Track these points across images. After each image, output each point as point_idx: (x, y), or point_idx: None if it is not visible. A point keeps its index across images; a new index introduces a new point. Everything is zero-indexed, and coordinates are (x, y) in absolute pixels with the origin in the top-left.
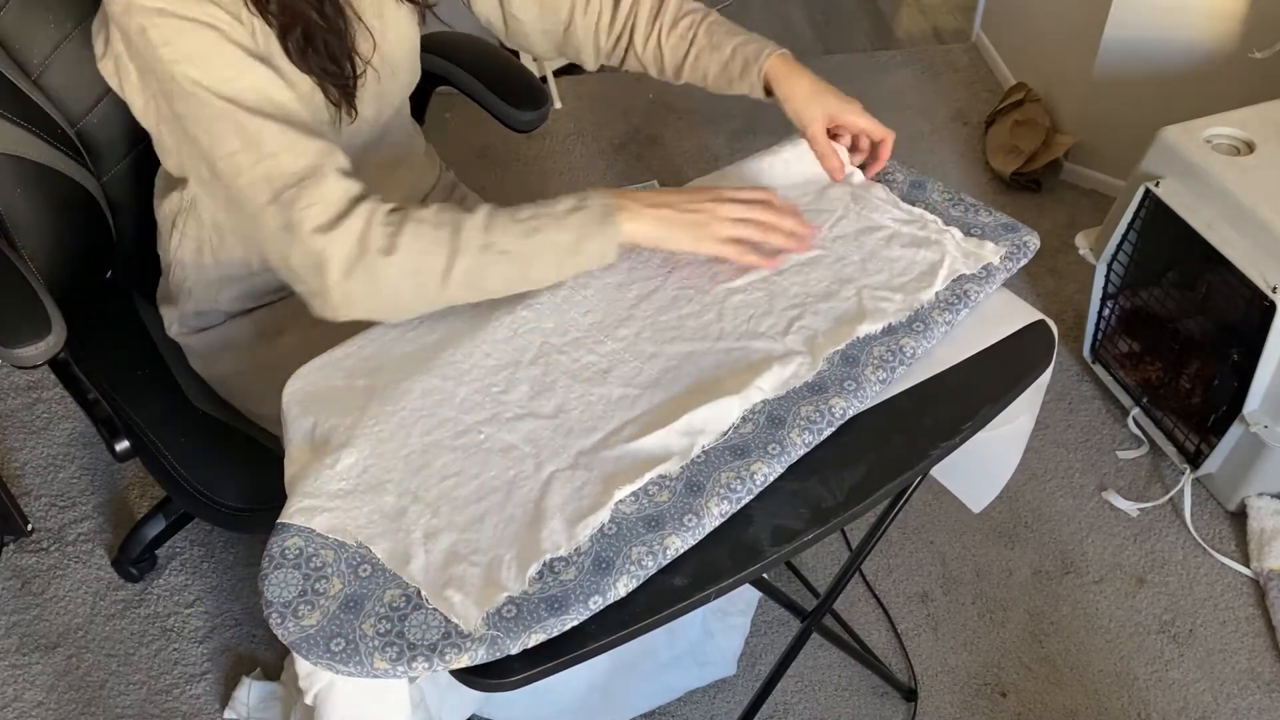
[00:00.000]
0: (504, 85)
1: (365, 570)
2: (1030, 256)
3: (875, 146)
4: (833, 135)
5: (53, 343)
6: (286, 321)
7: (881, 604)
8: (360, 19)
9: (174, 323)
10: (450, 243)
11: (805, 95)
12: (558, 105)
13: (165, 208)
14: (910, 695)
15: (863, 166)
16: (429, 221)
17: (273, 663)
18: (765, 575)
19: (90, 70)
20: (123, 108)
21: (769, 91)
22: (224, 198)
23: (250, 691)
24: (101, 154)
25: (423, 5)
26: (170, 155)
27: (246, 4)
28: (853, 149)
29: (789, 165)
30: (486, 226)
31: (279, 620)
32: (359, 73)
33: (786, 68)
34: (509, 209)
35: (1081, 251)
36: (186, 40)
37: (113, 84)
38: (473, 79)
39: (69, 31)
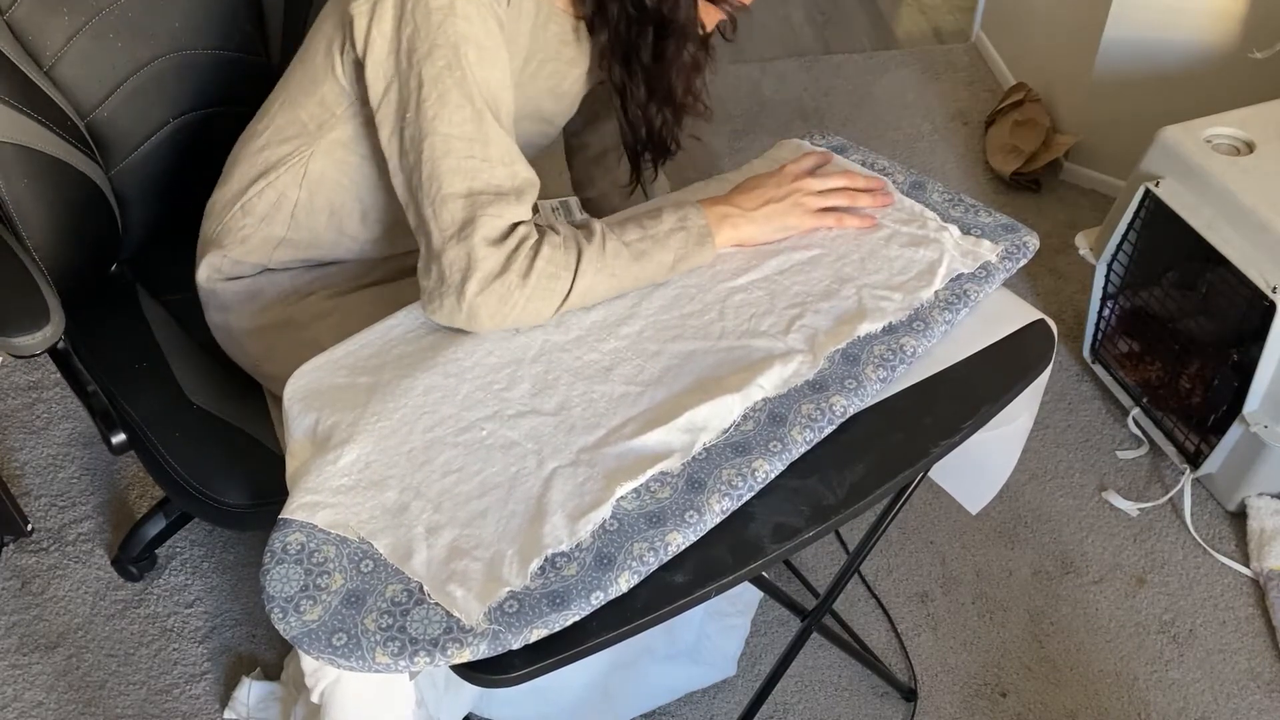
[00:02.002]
0: None
1: (367, 565)
2: (1029, 257)
3: None
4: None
5: (50, 333)
6: (319, 284)
7: (881, 604)
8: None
9: (207, 268)
10: (574, 266)
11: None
12: None
13: (268, 153)
14: (910, 695)
15: None
16: (560, 246)
17: (273, 663)
18: (765, 574)
19: (102, 62)
20: (134, 103)
21: None
22: (403, 167)
23: (250, 691)
24: (111, 147)
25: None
26: (334, 104)
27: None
28: None
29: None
30: (602, 251)
31: (280, 615)
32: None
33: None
34: (617, 228)
35: (1081, 251)
36: (483, 27)
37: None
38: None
39: (82, 24)
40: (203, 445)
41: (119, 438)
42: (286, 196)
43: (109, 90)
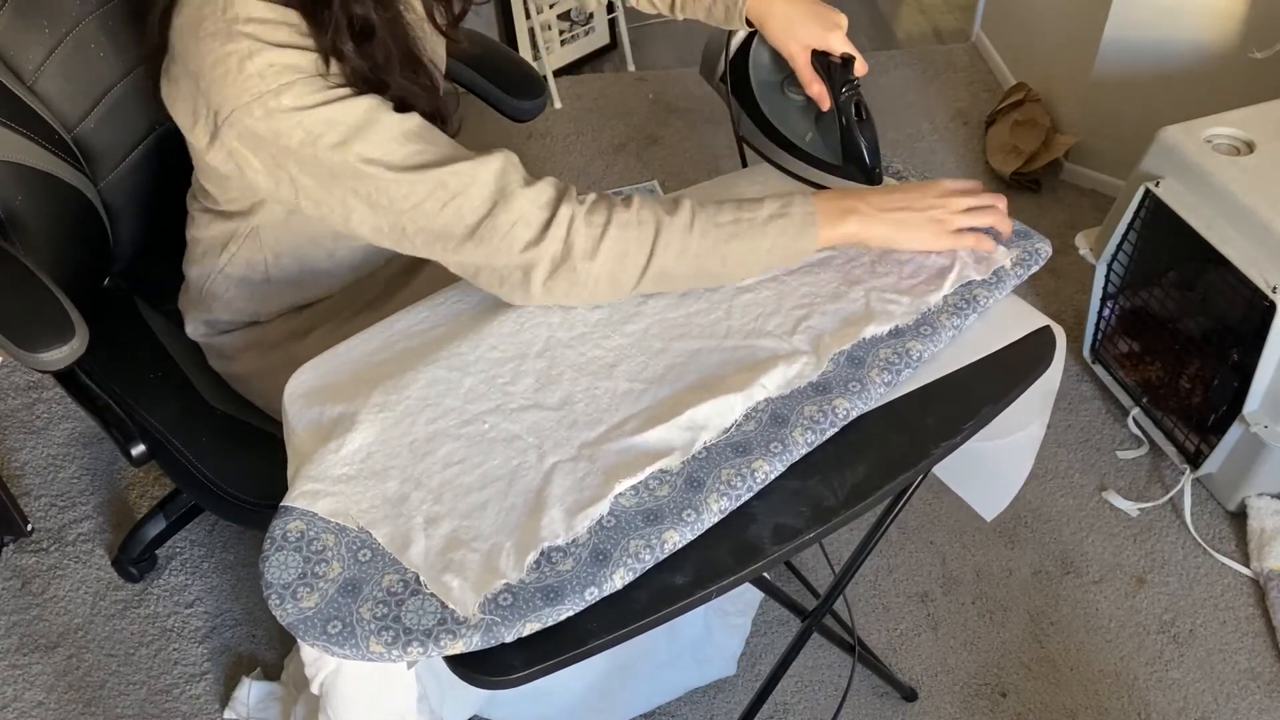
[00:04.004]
0: (503, 76)
1: (365, 555)
2: (1042, 263)
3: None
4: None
5: (76, 346)
6: (316, 321)
7: (882, 604)
8: (435, 68)
9: (199, 325)
10: (650, 245)
11: (781, 29)
12: (557, 105)
13: (214, 230)
14: (910, 695)
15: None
16: (632, 223)
17: (273, 663)
18: (766, 575)
19: (85, 73)
20: (118, 113)
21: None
22: (395, 239)
23: (250, 691)
24: (98, 159)
25: (455, 39)
26: (256, 195)
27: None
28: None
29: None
30: (688, 229)
31: (278, 601)
32: (452, 127)
33: (762, 4)
34: (711, 208)
35: (1081, 251)
36: (343, 117)
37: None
38: (472, 72)
39: (62, 35)
40: (230, 448)
41: (139, 449)
42: (254, 260)
43: (94, 101)
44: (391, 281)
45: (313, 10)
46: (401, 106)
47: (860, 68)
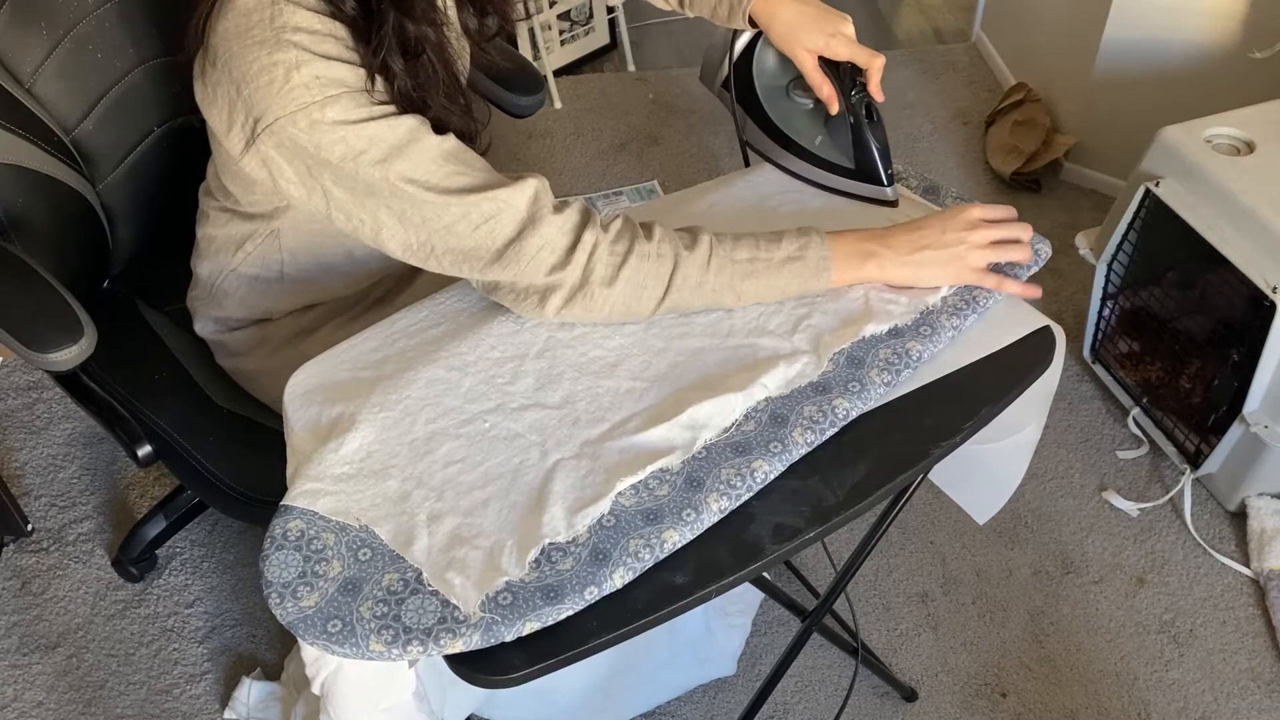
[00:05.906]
0: (501, 72)
1: (365, 554)
2: (1042, 264)
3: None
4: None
5: (85, 346)
6: (325, 318)
7: (882, 604)
8: (470, 85)
9: (209, 322)
10: (668, 279)
11: (786, 33)
12: (558, 105)
13: (231, 229)
14: (910, 695)
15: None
16: (651, 255)
17: (273, 663)
18: (766, 575)
19: (83, 75)
20: (117, 115)
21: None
22: (421, 257)
23: (250, 691)
24: (97, 161)
25: (487, 53)
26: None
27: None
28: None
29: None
30: (705, 265)
31: (278, 601)
32: (480, 144)
33: (768, 7)
34: (729, 243)
35: (1081, 251)
36: (387, 136)
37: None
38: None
39: (60, 37)
40: (238, 446)
41: (145, 450)
42: (270, 259)
43: (92, 102)
44: (401, 278)
45: (364, 27)
46: (438, 126)
47: (876, 67)
